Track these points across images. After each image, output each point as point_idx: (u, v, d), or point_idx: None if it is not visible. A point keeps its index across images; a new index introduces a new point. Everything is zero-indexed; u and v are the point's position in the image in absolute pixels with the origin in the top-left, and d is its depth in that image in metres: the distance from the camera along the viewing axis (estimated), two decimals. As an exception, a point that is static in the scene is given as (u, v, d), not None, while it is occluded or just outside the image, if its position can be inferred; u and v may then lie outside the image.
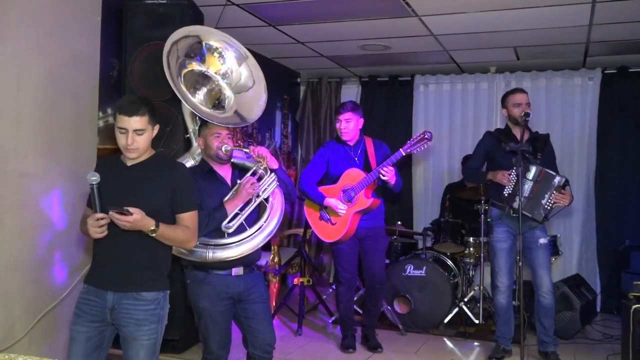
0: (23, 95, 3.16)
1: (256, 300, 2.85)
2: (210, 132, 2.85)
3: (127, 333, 2.33)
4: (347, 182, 4.02)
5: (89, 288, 2.34)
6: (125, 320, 2.32)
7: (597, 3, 4.05)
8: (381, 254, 4.21)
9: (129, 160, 2.40)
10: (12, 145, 3.07)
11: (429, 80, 6.43)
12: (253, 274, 2.89)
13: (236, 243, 2.77)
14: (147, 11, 3.86)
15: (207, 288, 2.78)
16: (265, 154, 2.88)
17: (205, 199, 2.79)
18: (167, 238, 2.35)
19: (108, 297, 2.31)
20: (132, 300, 2.32)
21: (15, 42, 3.10)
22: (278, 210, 2.90)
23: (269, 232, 2.84)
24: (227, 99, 3.07)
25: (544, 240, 3.89)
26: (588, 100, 5.88)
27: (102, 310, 2.31)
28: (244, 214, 2.80)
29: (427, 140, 3.86)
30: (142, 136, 2.34)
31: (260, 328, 2.84)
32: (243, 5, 4.33)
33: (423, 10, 4.32)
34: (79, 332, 2.31)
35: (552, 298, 3.92)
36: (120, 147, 2.37)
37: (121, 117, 2.31)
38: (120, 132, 2.33)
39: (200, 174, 2.86)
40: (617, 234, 5.67)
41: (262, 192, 2.86)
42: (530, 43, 5.18)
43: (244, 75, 3.09)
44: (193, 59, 3.03)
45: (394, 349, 4.28)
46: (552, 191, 3.75)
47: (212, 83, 3.07)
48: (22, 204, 3.15)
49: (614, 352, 4.15)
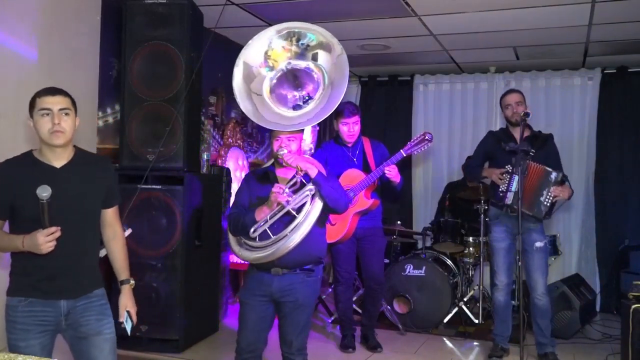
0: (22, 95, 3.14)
1: (288, 304, 2.77)
2: (273, 134, 2.82)
3: (89, 330, 2.26)
4: (347, 182, 4.00)
5: (32, 300, 2.19)
6: (84, 319, 2.26)
7: (597, 3, 4.03)
8: (379, 253, 4.19)
9: (55, 160, 2.22)
10: (10, 144, 3.05)
11: (428, 80, 6.42)
12: (294, 276, 2.76)
13: (258, 248, 2.71)
14: (147, 11, 3.85)
15: (248, 281, 2.83)
16: (295, 162, 2.70)
17: (254, 201, 2.79)
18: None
19: (61, 305, 2.23)
20: (85, 300, 2.27)
21: (15, 41, 3.09)
22: (306, 223, 2.67)
23: (288, 244, 2.63)
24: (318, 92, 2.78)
25: (539, 244, 3.87)
26: (587, 100, 5.86)
27: (56, 318, 2.23)
28: (268, 222, 2.70)
29: (427, 142, 3.85)
30: (69, 118, 2.19)
31: (286, 331, 2.80)
32: (242, 5, 4.31)
33: (422, 10, 4.30)
34: (34, 345, 2.18)
35: (547, 300, 3.91)
36: (42, 135, 2.17)
37: (43, 99, 2.16)
38: (42, 115, 2.15)
39: (257, 176, 2.87)
40: (617, 234, 5.65)
41: (293, 203, 2.67)
42: (529, 43, 5.17)
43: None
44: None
45: (394, 349, 4.27)
46: (549, 187, 3.73)
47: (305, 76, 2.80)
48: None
49: (613, 351, 4.13)
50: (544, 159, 3.82)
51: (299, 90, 2.85)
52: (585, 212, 5.82)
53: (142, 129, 3.83)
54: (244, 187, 2.87)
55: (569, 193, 3.80)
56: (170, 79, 3.85)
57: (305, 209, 2.69)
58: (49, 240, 2.08)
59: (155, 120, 3.83)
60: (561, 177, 3.75)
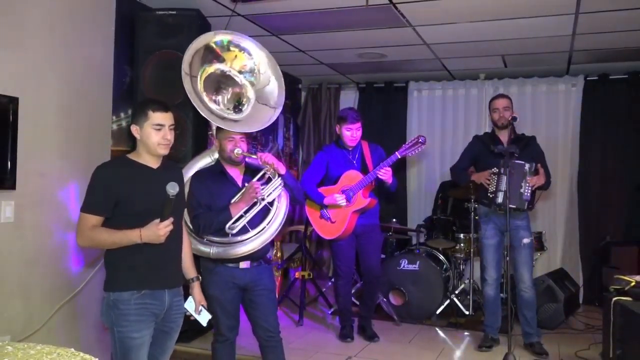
0: (42, 101, 3.17)
1: (261, 291, 2.85)
2: (225, 135, 2.83)
3: (173, 327, 2.39)
4: (346, 182, 4.03)
5: (145, 292, 2.25)
6: (174, 315, 2.38)
7: (580, 14, 4.05)
8: (377, 248, 4.21)
9: (152, 163, 2.34)
10: (31, 147, 3.08)
11: (422, 87, 6.43)
12: (260, 267, 2.88)
13: (239, 243, 2.74)
14: (158, 21, 3.86)
15: (215, 277, 2.80)
16: (271, 160, 2.82)
17: (215, 199, 2.78)
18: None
19: (165, 298, 2.31)
20: (178, 296, 2.39)
21: (35, 51, 3.11)
22: (281, 214, 2.82)
23: (269, 235, 2.77)
24: (248, 100, 2.89)
25: (527, 240, 3.89)
26: (571, 105, 5.87)
27: (161, 311, 2.31)
28: (247, 216, 2.76)
29: (421, 144, 3.87)
30: (173, 132, 2.34)
31: (262, 317, 2.86)
32: (248, 16, 4.33)
33: (417, 20, 4.32)
34: (145, 336, 2.26)
35: (532, 292, 3.93)
36: (150, 145, 2.29)
37: (157, 114, 2.28)
38: (154, 129, 2.27)
39: (212, 175, 2.86)
40: (599, 231, 5.66)
41: (267, 196, 2.80)
42: (517, 52, 5.18)
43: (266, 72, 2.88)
44: (211, 62, 2.86)
45: (389, 339, 4.29)
46: (525, 179, 3.75)
47: (235, 83, 2.89)
48: (41, 201, 3.16)
49: (595, 341, 4.15)
50: (529, 160, 3.84)
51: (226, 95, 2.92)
52: (569, 210, 5.84)
53: (153, 133, 3.84)
54: (200, 187, 2.80)
55: (544, 179, 3.82)
56: (179, 86, 3.77)
57: (276, 202, 2.82)
58: (167, 232, 2.20)
59: (166, 124, 3.84)
60: (535, 167, 3.78)
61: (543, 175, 3.81)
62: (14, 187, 2.96)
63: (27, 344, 1.69)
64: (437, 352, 4.04)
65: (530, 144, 3.99)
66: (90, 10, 3.52)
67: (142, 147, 2.33)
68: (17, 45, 2.99)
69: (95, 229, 2.21)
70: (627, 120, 5.65)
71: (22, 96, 2.98)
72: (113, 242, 2.22)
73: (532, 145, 4.00)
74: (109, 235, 2.20)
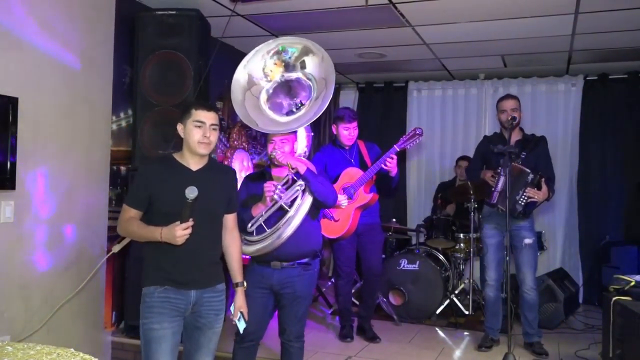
0: (42, 101, 3.16)
1: (287, 295, 2.81)
2: (268, 138, 2.89)
3: (206, 323, 2.36)
4: (347, 180, 4.02)
5: (167, 288, 2.27)
6: (206, 312, 2.35)
7: (580, 14, 4.05)
8: (378, 248, 4.20)
9: (193, 164, 2.34)
10: (31, 147, 3.07)
11: (421, 86, 6.43)
12: (293, 270, 2.81)
13: (250, 243, 2.77)
14: (158, 21, 3.86)
15: (249, 275, 2.81)
16: (285, 159, 2.78)
17: (250, 199, 2.83)
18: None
19: (191, 294, 2.31)
20: (211, 293, 2.36)
21: (35, 51, 3.10)
22: (297, 216, 2.74)
23: (277, 237, 2.71)
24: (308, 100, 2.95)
25: (529, 241, 3.87)
26: (571, 105, 5.87)
27: (186, 306, 2.30)
28: (262, 217, 2.76)
29: (418, 136, 3.85)
30: (215, 132, 2.33)
31: (285, 321, 2.86)
32: (248, 16, 4.33)
33: (416, 20, 4.32)
34: (167, 329, 2.25)
35: (535, 294, 3.91)
36: (190, 143, 2.30)
37: (199, 111, 2.30)
38: (195, 126, 2.28)
39: (257, 177, 2.92)
40: (598, 231, 5.66)
41: (284, 198, 2.73)
42: (516, 51, 5.18)
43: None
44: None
45: (389, 339, 4.28)
46: (525, 187, 3.73)
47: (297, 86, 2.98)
48: (43, 200, 3.16)
49: (595, 341, 4.15)
50: (534, 161, 3.83)
51: (293, 99, 2.99)
52: (569, 210, 5.84)
53: (153, 132, 3.84)
54: (242, 188, 2.90)
55: (544, 195, 3.75)
56: (179, 85, 3.86)
57: (296, 203, 2.76)
58: (185, 234, 2.18)
59: (166, 124, 3.82)
60: (538, 179, 3.73)
61: (545, 194, 3.76)
62: (14, 187, 2.95)
63: (27, 344, 1.68)
64: (437, 352, 4.03)
65: (539, 145, 3.97)
66: (90, 10, 3.51)
67: (185, 147, 2.36)
68: (17, 45, 2.99)
69: (130, 220, 2.28)
70: (626, 120, 5.65)
71: (21, 96, 2.98)
72: (140, 236, 2.28)
73: (540, 146, 3.97)
74: (138, 228, 2.27)
